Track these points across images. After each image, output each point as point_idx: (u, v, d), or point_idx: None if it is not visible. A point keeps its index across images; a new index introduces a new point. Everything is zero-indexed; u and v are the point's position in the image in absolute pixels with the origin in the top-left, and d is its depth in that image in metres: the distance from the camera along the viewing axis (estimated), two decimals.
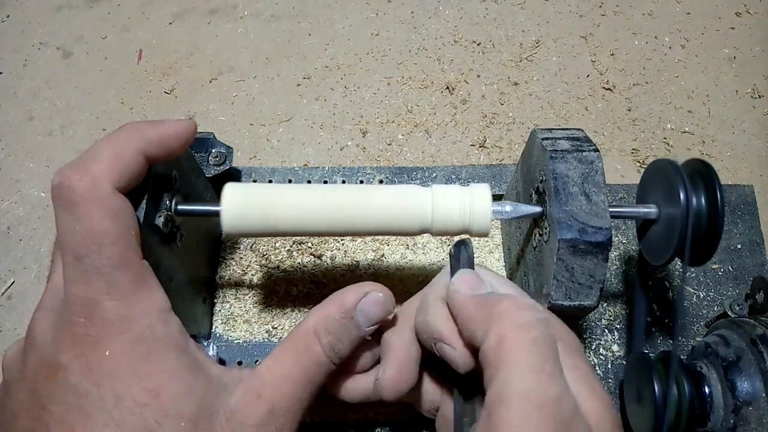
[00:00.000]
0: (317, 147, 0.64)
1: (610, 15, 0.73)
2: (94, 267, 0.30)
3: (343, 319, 0.34)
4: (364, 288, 0.35)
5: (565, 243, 0.38)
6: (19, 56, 0.70)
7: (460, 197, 0.40)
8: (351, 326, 0.35)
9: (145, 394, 0.30)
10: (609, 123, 0.66)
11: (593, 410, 0.29)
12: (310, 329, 0.34)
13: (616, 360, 0.52)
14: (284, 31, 0.71)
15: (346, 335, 0.34)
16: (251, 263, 0.55)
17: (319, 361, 0.34)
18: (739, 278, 0.55)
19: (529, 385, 0.27)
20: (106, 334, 0.30)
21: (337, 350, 0.34)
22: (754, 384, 0.40)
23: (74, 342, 0.30)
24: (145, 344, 0.31)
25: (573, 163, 0.40)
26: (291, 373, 0.33)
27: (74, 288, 0.30)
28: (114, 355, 0.30)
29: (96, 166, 0.32)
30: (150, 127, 0.35)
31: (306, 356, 0.34)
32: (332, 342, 0.34)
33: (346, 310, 0.35)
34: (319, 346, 0.34)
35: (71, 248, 0.30)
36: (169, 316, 0.33)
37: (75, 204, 0.30)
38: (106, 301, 0.30)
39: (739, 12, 0.73)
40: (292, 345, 0.34)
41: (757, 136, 0.65)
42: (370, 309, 0.35)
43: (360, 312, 0.35)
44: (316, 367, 0.34)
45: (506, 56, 0.70)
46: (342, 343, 0.34)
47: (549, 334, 0.30)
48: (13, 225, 0.60)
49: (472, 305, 0.32)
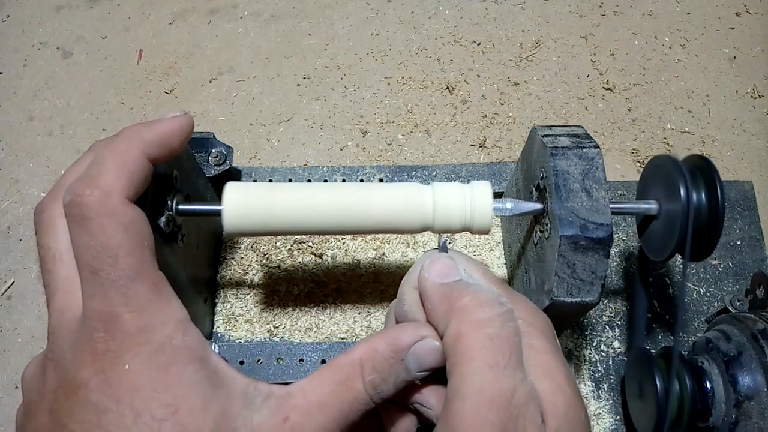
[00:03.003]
0: (317, 147, 0.64)
1: (610, 15, 0.73)
2: (111, 280, 0.30)
3: (393, 359, 0.32)
4: (421, 332, 0.33)
5: (567, 239, 0.38)
6: (19, 56, 0.70)
7: (461, 195, 0.40)
8: (400, 368, 0.32)
9: (164, 409, 0.29)
10: (609, 123, 0.66)
11: (545, 393, 0.30)
12: (357, 362, 0.32)
13: (618, 356, 0.52)
14: (284, 31, 0.72)
15: (393, 376, 0.32)
16: (252, 263, 0.55)
17: (358, 397, 0.32)
18: (739, 274, 0.55)
19: (483, 380, 0.28)
20: (126, 347, 0.30)
21: (380, 390, 0.32)
22: (756, 378, 0.40)
23: (94, 358, 0.29)
24: (164, 356, 0.30)
25: (573, 160, 0.40)
26: (325, 404, 0.31)
27: (92, 303, 0.30)
28: (133, 369, 0.29)
29: (104, 178, 0.31)
30: (148, 128, 0.35)
31: (345, 390, 0.32)
32: (376, 381, 0.32)
33: (399, 351, 0.32)
34: (361, 383, 0.32)
35: (87, 263, 0.30)
36: (188, 326, 0.32)
37: (88, 218, 0.30)
38: (125, 314, 0.30)
39: (739, 12, 0.73)
40: (333, 373, 0.32)
41: (757, 136, 0.65)
42: (423, 355, 0.32)
43: (412, 356, 0.32)
44: (353, 403, 0.32)
45: (506, 56, 0.70)
46: (386, 384, 0.32)
47: (509, 327, 0.30)
48: (13, 225, 0.60)
49: (437, 295, 0.32)
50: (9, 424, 0.52)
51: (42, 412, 0.31)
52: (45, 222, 0.34)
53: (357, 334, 0.53)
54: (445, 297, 0.32)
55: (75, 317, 0.31)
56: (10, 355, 0.54)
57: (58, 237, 0.32)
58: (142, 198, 0.35)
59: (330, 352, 0.50)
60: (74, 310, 0.31)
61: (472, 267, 0.35)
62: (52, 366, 0.31)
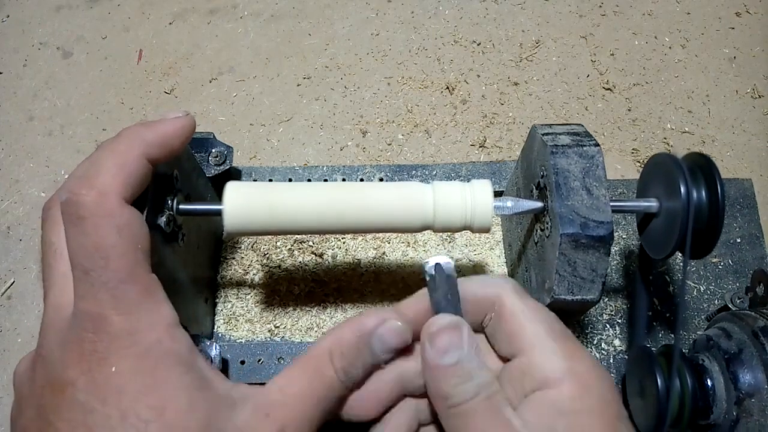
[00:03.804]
0: (317, 147, 0.64)
1: (610, 15, 0.73)
2: (101, 281, 0.30)
3: (359, 343, 0.33)
4: (384, 315, 0.34)
5: (567, 237, 0.38)
6: (19, 56, 0.70)
7: (462, 193, 0.40)
8: (366, 352, 0.33)
9: (150, 411, 0.29)
10: (609, 123, 0.66)
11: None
12: (325, 351, 0.33)
13: (618, 354, 0.52)
14: (284, 31, 0.72)
15: (360, 360, 0.33)
16: (252, 263, 0.55)
17: (331, 384, 0.33)
18: (740, 271, 0.55)
19: None
20: (113, 349, 0.30)
21: (351, 375, 0.33)
22: (756, 376, 0.40)
23: (81, 358, 0.30)
24: (151, 359, 0.30)
25: (574, 158, 0.40)
26: (301, 394, 0.32)
27: (82, 303, 0.30)
28: (120, 371, 0.29)
29: (101, 179, 0.31)
30: (149, 129, 0.35)
31: (318, 378, 0.33)
32: (346, 366, 0.33)
33: (363, 335, 0.33)
34: (332, 370, 0.33)
35: (79, 262, 0.30)
36: (176, 330, 0.32)
37: (82, 218, 0.30)
38: (113, 316, 0.30)
39: (739, 12, 0.73)
40: (305, 365, 0.33)
41: (757, 136, 0.65)
42: (388, 336, 0.33)
43: (377, 338, 0.33)
44: (328, 390, 0.33)
45: (506, 56, 0.70)
46: (356, 368, 0.33)
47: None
48: (13, 225, 0.60)
49: (444, 384, 0.32)
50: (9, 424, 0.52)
51: (30, 408, 0.31)
52: (50, 218, 0.34)
53: None
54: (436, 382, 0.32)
55: (67, 315, 0.31)
56: (10, 355, 0.54)
57: (62, 234, 0.32)
58: (141, 198, 0.35)
59: None
60: (67, 308, 0.31)
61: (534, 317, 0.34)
62: (42, 363, 0.31)
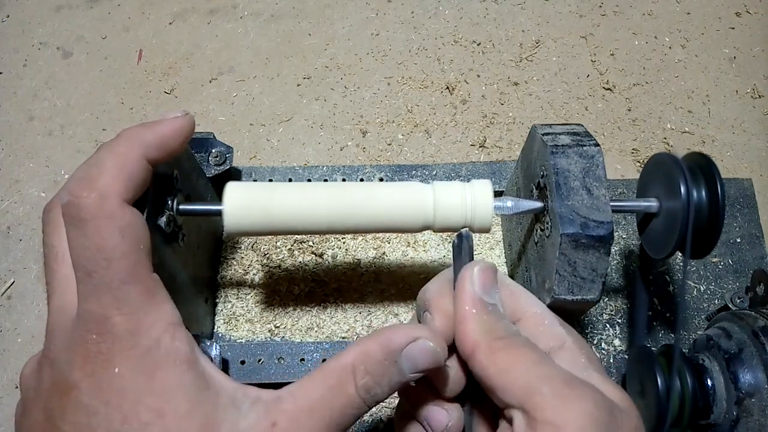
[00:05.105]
0: (317, 147, 0.64)
1: (610, 15, 0.73)
2: (104, 282, 0.30)
3: (386, 361, 0.31)
4: (415, 332, 0.32)
5: (568, 237, 0.38)
6: (19, 56, 0.70)
7: (462, 193, 0.40)
8: (393, 370, 0.31)
9: (150, 413, 0.29)
10: (609, 123, 0.66)
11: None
12: (348, 365, 0.31)
13: (618, 354, 0.52)
14: (284, 31, 0.72)
15: (386, 379, 0.31)
16: (252, 263, 0.55)
17: (350, 402, 0.31)
18: (739, 271, 0.55)
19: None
20: (116, 350, 0.30)
21: (374, 393, 0.31)
22: (757, 375, 0.40)
23: (86, 360, 0.30)
24: (151, 359, 0.30)
25: (574, 158, 0.40)
26: (315, 409, 0.30)
27: (86, 304, 0.30)
28: (122, 373, 0.29)
29: (102, 180, 0.31)
30: (149, 130, 0.35)
31: (336, 394, 0.31)
32: (369, 384, 0.31)
33: (391, 352, 0.31)
34: (353, 386, 0.31)
35: (82, 264, 0.30)
36: (177, 329, 0.32)
37: (84, 220, 0.30)
38: (116, 317, 0.30)
39: (739, 12, 0.73)
40: (325, 377, 0.31)
41: (757, 136, 0.65)
42: (417, 356, 0.31)
43: (406, 357, 0.31)
44: (346, 407, 0.31)
45: (506, 56, 0.70)
46: (380, 387, 0.31)
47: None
48: (13, 225, 0.60)
49: (482, 340, 0.31)
50: (9, 424, 0.52)
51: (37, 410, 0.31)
52: (51, 221, 0.34)
53: (358, 333, 0.53)
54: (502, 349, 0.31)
55: (71, 317, 0.31)
56: (10, 355, 0.54)
57: (63, 236, 0.32)
58: (142, 198, 0.35)
59: (331, 351, 0.50)
60: (71, 310, 0.31)
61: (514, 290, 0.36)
62: (48, 365, 0.31)
